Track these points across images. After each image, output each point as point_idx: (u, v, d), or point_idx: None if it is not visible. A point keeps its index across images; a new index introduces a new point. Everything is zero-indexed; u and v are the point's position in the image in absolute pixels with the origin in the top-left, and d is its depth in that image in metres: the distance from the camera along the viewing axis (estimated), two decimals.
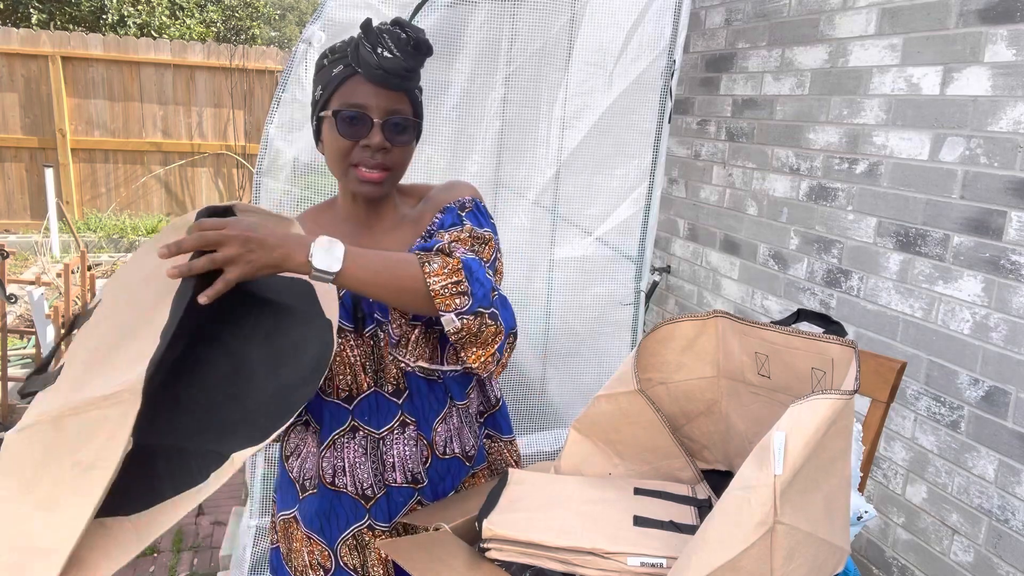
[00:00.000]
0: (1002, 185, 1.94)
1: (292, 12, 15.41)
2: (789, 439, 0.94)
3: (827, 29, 2.55)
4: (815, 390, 0.98)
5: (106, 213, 7.74)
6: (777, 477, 0.92)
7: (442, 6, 2.35)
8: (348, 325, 1.29)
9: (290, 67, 2.22)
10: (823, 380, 1.19)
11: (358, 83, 1.24)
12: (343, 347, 1.29)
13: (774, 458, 0.93)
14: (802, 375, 1.23)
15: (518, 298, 2.60)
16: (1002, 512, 1.96)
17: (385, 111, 1.24)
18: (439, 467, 1.37)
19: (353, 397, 1.32)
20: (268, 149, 2.23)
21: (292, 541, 1.41)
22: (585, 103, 2.48)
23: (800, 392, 1.23)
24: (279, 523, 1.44)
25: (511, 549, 1.12)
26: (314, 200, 2.33)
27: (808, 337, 1.21)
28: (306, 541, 1.39)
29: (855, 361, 1.05)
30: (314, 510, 1.37)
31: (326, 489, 1.36)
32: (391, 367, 1.32)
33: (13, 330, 3.64)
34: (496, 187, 2.56)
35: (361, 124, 1.24)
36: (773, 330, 1.26)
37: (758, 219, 2.93)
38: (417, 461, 1.34)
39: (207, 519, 3.14)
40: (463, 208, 1.37)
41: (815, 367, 1.20)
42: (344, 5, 2.26)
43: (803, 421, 0.95)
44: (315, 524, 1.37)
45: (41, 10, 9.17)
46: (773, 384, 1.30)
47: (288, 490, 1.41)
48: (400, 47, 1.21)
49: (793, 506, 0.93)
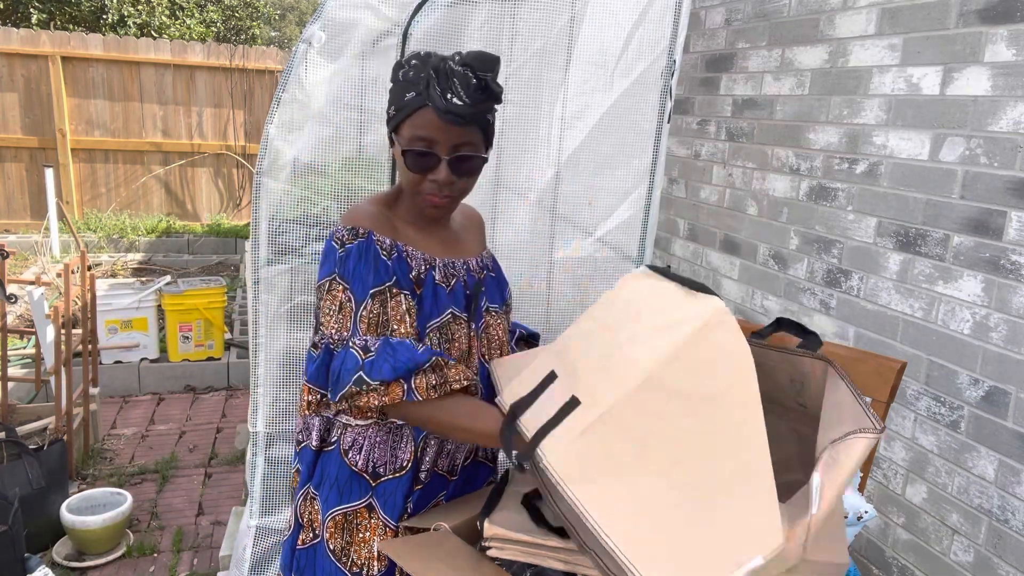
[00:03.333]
0: (1002, 185, 1.94)
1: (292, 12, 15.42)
2: (825, 479, 0.96)
3: (827, 29, 2.55)
4: (850, 433, 0.99)
5: (106, 213, 7.74)
6: (813, 516, 0.93)
7: (442, 6, 2.35)
8: (463, 314, 1.37)
9: (290, 67, 2.22)
10: (803, 391, 1.20)
11: (428, 115, 1.26)
12: (460, 333, 1.36)
13: (812, 498, 0.95)
14: (783, 386, 1.24)
15: (518, 298, 2.60)
16: (1002, 512, 1.96)
17: (453, 147, 1.27)
18: (468, 470, 1.46)
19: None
20: (268, 149, 2.22)
21: (358, 532, 1.38)
22: (585, 103, 2.48)
23: (786, 401, 1.25)
24: (335, 518, 1.39)
25: (512, 548, 1.12)
26: (314, 200, 2.33)
27: (782, 351, 1.22)
28: (379, 530, 1.37)
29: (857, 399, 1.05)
30: (395, 493, 1.37)
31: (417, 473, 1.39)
32: (474, 357, 1.39)
33: (13, 330, 3.64)
34: (496, 187, 2.55)
35: (429, 159, 1.28)
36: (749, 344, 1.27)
37: (758, 219, 2.93)
38: (461, 454, 1.43)
39: (207, 519, 3.14)
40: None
41: (793, 379, 1.21)
42: (344, 5, 2.26)
43: (840, 462, 0.97)
44: (397, 509, 1.37)
45: (41, 10, 9.17)
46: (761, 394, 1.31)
47: (354, 483, 1.38)
48: (469, 93, 1.22)
49: (817, 542, 0.95)
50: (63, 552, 2.80)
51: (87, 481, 3.37)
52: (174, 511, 3.20)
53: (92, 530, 2.76)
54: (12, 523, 2.38)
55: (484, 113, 1.27)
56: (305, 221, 2.31)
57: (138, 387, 4.42)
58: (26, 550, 2.48)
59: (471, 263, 1.46)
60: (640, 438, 1.00)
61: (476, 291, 1.41)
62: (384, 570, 1.37)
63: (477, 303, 1.41)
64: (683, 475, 0.98)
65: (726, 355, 1.03)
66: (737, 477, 0.98)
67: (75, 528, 2.76)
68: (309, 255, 2.34)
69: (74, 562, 2.77)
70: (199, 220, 8.13)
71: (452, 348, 1.34)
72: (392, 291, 1.29)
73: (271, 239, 2.28)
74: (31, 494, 2.73)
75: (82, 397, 3.50)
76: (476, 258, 1.48)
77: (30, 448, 2.82)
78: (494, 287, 1.48)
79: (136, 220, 7.72)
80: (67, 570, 2.74)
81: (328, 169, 2.33)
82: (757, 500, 0.95)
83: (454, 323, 1.35)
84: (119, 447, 3.75)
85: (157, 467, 3.55)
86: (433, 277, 1.36)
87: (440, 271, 1.38)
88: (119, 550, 2.85)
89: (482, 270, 1.48)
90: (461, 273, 1.42)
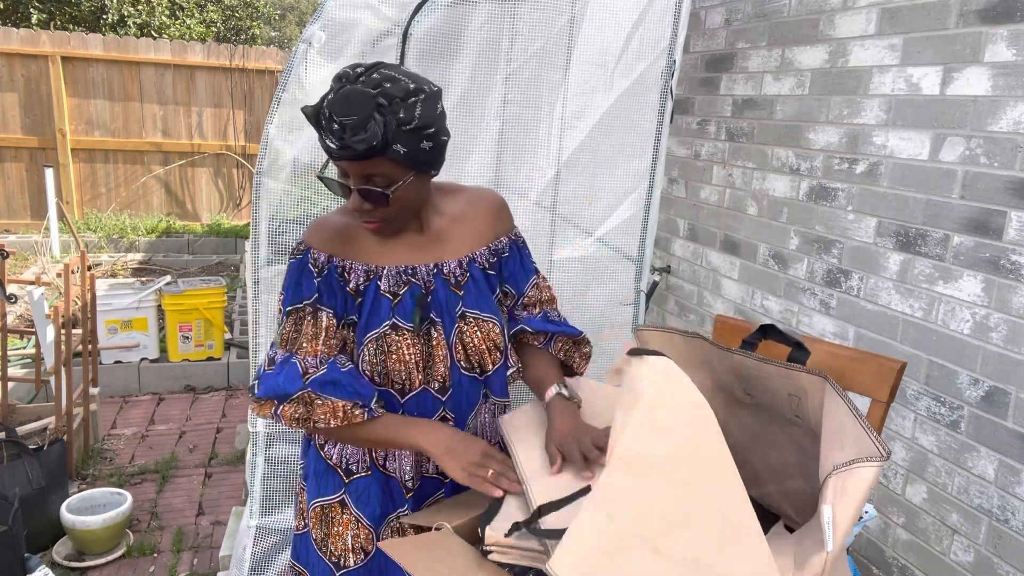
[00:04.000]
0: (1002, 185, 1.94)
1: (292, 12, 15.41)
2: (837, 511, 0.96)
3: (827, 29, 2.55)
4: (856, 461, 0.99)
5: (106, 213, 7.74)
6: (829, 554, 0.94)
7: (442, 6, 2.35)
8: (407, 324, 1.34)
9: (290, 67, 2.22)
10: (800, 405, 1.20)
11: None
12: (400, 345, 1.33)
13: (826, 534, 0.95)
14: (781, 398, 1.24)
15: None
16: (1002, 512, 1.96)
17: (362, 178, 1.25)
18: None
19: (405, 392, 1.37)
20: (268, 149, 2.22)
21: (333, 525, 1.42)
22: (585, 103, 2.48)
23: (784, 412, 1.25)
24: (315, 509, 1.44)
25: (514, 553, 1.12)
26: (314, 200, 2.33)
27: (778, 365, 1.22)
28: (352, 524, 1.41)
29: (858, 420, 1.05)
30: (367, 491, 1.40)
31: (378, 472, 1.41)
32: (439, 365, 1.37)
33: (13, 330, 3.64)
34: (496, 187, 2.55)
35: (343, 188, 1.28)
36: (742, 355, 1.28)
37: (758, 219, 2.93)
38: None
39: (207, 519, 3.14)
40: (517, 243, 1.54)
41: (791, 392, 1.21)
42: (344, 5, 2.26)
43: (849, 492, 0.97)
44: (368, 506, 1.40)
45: (41, 10, 9.16)
46: (759, 403, 1.31)
47: (330, 476, 1.43)
48: (338, 137, 1.18)
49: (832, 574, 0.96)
50: (63, 552, 2.80)
51: (87, 481, 3.37)
52: (174, 511, 3.20)
53: (92, 530, 2.76)
54: (12, 523, 2.38)
55: (376, 151, 1.19)
56: (305, 221, 2.31)
57: (138, 387, 4.42)
58: (26, 550, 2.48)
59: (446, 267, 1.40)
60: (628, 517, 1.02)
61: (420, 302, 1.36)
62: (360, 563, 1.41)
63: (423, 313, 1.36)
64: (678, 547, 0.99)
65: (684, 411, 1.10)
66: (728, 536, 1.01)
67: (75, 528, 2.76)
68: None
69: (74, 562, 2.77)
70: (199, 220, 8.13)
71: (388, 359, 1.33)
72: (308, 309, 1.33)
73: (271, 239, 2.28)
74: (31, 494, 2.73)
75: (82, 397, 3.50)
76: (458, 259, 1.41)
77: (30, 448, 2.82)
78: (473, 291, 1.40)
79: (136, 220, 7.72)
80: (67, 570, 2.74)
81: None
82: (753, 558, 0.98)
83: (395, 334, 1.33)
84: (119, 447, 3.75)
85: (157, 467, 3.55)
86: (377, 287, 1.35)
87: (389, 280, 1.36)
88: (119, 550, 2.85)
89: (465, 272, 1.41)
90: (423, 278, 1.38)
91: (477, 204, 1.47)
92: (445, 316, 1.38)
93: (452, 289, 1.39)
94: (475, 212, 1.45)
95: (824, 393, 1.13)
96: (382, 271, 1.36)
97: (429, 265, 1.39)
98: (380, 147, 1.18)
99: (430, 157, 1.27)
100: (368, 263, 1.36)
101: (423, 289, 1.37)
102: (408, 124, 1.19)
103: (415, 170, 1.26)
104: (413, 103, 1.20)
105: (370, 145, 1.17)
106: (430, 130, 1.23)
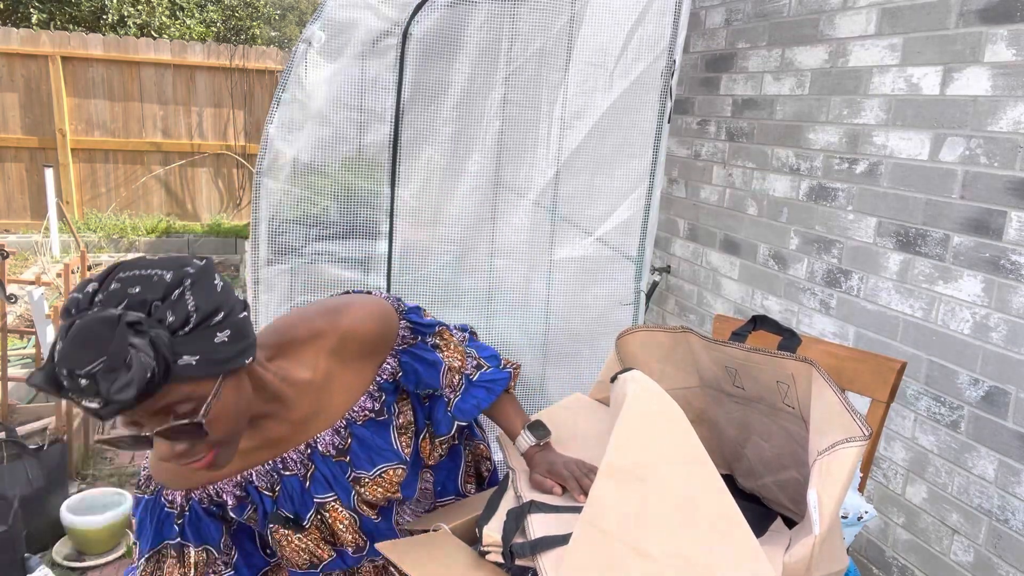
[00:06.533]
0: (1002, 185, 1.94)
1: (292, 12, 15.40)
2: (822, 493, 0.97)
3: (827, 29, 2.55)
4: (838, 443, 1.00)
5: (106, 213, 7.74)
6: (816, 537, 0.95)
7: (442, 6, 2.35)
8: (290, 514, 1.21)
9: (290, 67, 2.22)
10: (789, 393, 1.21)
11: None
12: (290, 541, 1.21)
13: (812, 517, 0.96)
14: (770, 387, 1.25)
15: (518, 298, 2.60)
16: (1002, 512, 1.96)
17: (155, 420, 0.94)
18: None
19: (316, 565, 1.26)
20: (268, 149, 2.23)
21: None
22: (585, 103, 2.48)
23: (773, 402, 1.25)
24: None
25: None
26: (314, 200, 2.33)
27: (765, 353, 1.23)
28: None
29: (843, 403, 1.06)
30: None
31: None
32: (346, 534, 1.24)
33: (13, 330, 3.64)
34: (496, 187, 2.55)
35: (140, 442, 0.95)
36: (733, 346, 1.29)
37: (758, 219, 2.93)
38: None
39: None
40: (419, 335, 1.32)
41: (779, 380, 1.21)
42: (344, 5, 2.26)
43: (833, 474, 0.98)
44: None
45: (41, 10, 9.17)
46: (748, 395, 1.32)
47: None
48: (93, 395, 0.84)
49: (820, 557, 0.97)
50: (63, 552, 2.80)
51: (87, 481, 3.37)
52: None
53: (92, 530, 2.76)
54: (12, 523, 2.38)
55: (156, 384, 0.87)
56: (305, 221, 2.31)
57: None
58: (26, 550, 2.49)
59: (320, 442, 1.21)
60: (620, 529, 1.03)
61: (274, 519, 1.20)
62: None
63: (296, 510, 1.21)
64: (667, 549, 1.01)
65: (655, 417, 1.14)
66: (712, 528, 1.02)
67: (75, 528, 2.76)
68: (309, 255, 2.35)
69: (74, 562, 2.77)
70: (199, 220, 8.13)
71: (284, 551, 1.22)
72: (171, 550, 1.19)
73: (271, 239, 2.29)
74: (31, 494, 2.73)
75: None
76: (333, 428, 1.22)
77: (30, 448, 2.82)
78: (360, 452, 1.24)
79: (136, 220, 7.72)
80: (67, 570, 2.74)
81: (328, 169, 2.33)
82: (737, 544, 1.00)
83: (283, 530, 1.20)
84: None
85: None
86: (256, 489, 1.19)
87: (263, 479, 1.19)
88: (119, 550, 2.85)
89: (346, 437, 1.23)
90: (298, 466, 1.21)
91: (340, 351, 1.20)
92: (338, 489, 1.22)
93: (337, 459, 1.23)
94: (339, 361, 1.21)
95: (811, 380, 1.14)
96: (251, 476, 1.19)
97: (300, 448, 1.20)
98: (160, 377, 0.87)
99: (234, 348, 0.95)
100: (232, 476, 1.18)
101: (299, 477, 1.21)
102: (186, 326, 0.90)
103: (222, 374, 0.96)
104: (179, 296, 0.90)
105: (143, 384, 0.85)
106: (218, 316, 0.93)
